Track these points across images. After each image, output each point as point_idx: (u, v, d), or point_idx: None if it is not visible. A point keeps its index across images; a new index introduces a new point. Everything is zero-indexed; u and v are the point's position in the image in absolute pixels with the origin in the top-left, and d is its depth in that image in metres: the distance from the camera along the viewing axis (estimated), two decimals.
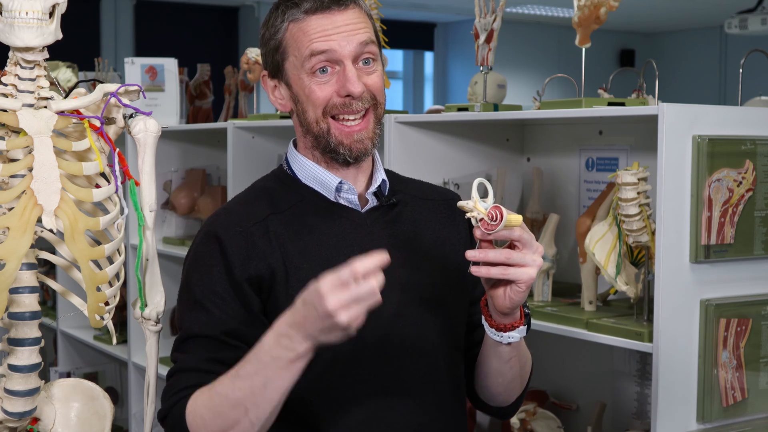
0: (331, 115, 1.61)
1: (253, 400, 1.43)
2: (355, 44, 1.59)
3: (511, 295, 1.49)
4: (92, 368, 4.47)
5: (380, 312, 1.58)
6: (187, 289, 1.61)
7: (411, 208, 1.71)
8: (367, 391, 1.58)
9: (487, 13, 2.49)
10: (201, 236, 1.63)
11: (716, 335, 2.02)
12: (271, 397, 1.43)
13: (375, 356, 1.59)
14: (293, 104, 1.64)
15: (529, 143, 2.90)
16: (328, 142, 1.62)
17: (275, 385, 1.42)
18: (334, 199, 1.65)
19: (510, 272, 1.45)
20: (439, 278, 1.67)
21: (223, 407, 1.45)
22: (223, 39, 10.81)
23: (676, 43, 12.86)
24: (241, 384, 1.44)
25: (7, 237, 1.48)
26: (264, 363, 1.42)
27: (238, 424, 1.45)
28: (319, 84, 1.60)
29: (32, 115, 1.53)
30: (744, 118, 2.09)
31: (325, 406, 1.58)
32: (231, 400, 1.45)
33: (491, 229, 1.43)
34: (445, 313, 1.66)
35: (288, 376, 1.42)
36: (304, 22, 1.60)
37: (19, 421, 1.62)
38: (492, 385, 1.71)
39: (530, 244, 1.46)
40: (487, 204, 1.44)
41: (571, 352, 2.76)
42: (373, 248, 1.61)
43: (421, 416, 1.61)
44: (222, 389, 1.46)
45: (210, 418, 1.47)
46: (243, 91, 3.91)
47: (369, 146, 1.63)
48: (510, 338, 1.57)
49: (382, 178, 1.69)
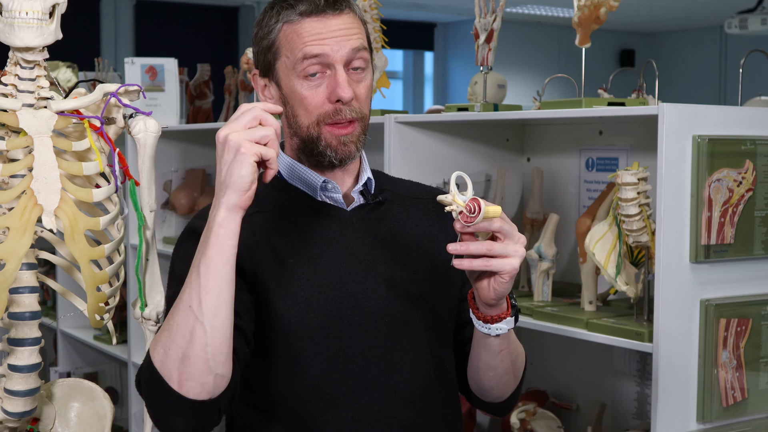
0: (325, 123, 1.62)
1: (195, 296, 1.41)
2: (348, 49, 1.60)
3: (495, 286, 1.49)
4: (92, 368, 4.47)
5: (366, 308, 1.61)
6: (171, 275, 1.63)
7: (398, 206, 1.73)
8: (356, 388, 1.60)
9: (487, 13, 2.49)
10: (184, 231, 1.66)
11: (716, 335, 2.02)
12: (210, 286, 1.41)
13: (362, 352, 1.60)
14: (282, 105, 1.65)
15: (529, 143, 2.90)
16: (316, 145, 1.63)
17: (209, 269, 1.41)
18: (319, 198, 1.67)
19: (492, 263, 1.46)
20: (425, 275, 1.68)
21: (173, 320, 1.43)
22: (223, 39, 10.81)
23: (676, 43, 12.86)
24: (184, 288, 1.44)
25: (7, 237, 1.48)
26: (196, 255, 1.44)
27: (191, 334, 1.41)
28: (310, 89, 1.61)
29: (32, 115, 1.53)
30: (744, 118, 2.09)
31: (315, 402, 1.59)
32: (178, 308, 1.43)
33: (470, 222, 1.44)
34: (432, 309, 1.68)
35: (217, 255, 1.41)
36: (299, 24, 1.61)
37: (19, 421, 1.62)
38: (483, 379, 1.72)
39: (511, 234, 1.47)
40: (466, 197, 1.45)
41: (571, 352, 2.76)
42: (358, 245, 1.65)
43: (410, 411, 1.62)
44: (174, 303, 1.46)
45: (167, 340, 1.44)
46: (243, 91, 3.91)
47: (353, 150, 1.64)
48: (498, 330, 1.57)
49: (368, 177, 1.71)
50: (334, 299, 1.60)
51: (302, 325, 1.58)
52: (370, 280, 1.63)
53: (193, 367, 1.42)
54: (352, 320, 1.60)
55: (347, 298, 1.60)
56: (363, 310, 1.61)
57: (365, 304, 1.61)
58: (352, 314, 1.60)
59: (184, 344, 1.42)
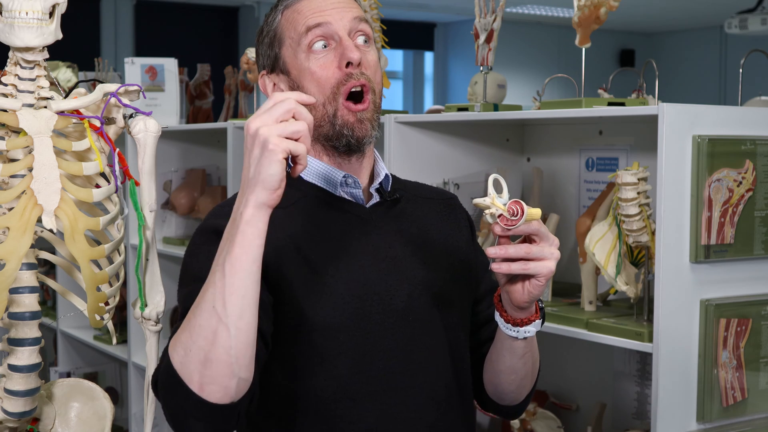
0: (339, 93, 1.59)
1: (219, 297, 1.35)
2: (350, 18, 1.60)
3: (530, 289, 1.47)
4: (92, 368, 4.47)
5: (390, 306, 1.58)
6: (185, 273, 1.58)
7: (413, 205, 1.71)
8: (382, 387, 1.56)
9: (487, 13, 2.49)
10: (200, 229, 1.62)
11: (716, 335, 2.02)
12: (235, 286, 1.34)
13: (387, 351, 1.57)
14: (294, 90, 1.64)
15: (529, 143, 2.90)
16: (333, 125, 1.60)
17: (234, 268, 1.34)
18: (338, 194, 1.64)
19: (530, 267, 1.44)
20: (444, 274, 1.65)
21: (195, 320, 1.37)
22: (223, 39, 10.81)
23: (676, 43, 12.86)
24: (206, 287, 1.37)
25: (7, 237, 1.48)
26: (220, 253, 1.37)
27: (215, 335, 1.35)
28: (319, 63, 1.59)
29: (32, 115, 1.53)
30: (744, 118, 2.09)
31: (340, 403, 1.55)
32: (201, 308, 1.37)
33: (512, 225, 1.41)
34: (451, 308, 1.65)
35: (243, 254, 1.35)
36: (298, 4, 1.63)
37: (19, 421, 1.62)
38: (504, 382, 1.70)
39: (547, 236, 1.45)
40: (504, 199, 1.43)
41: (571, 352, 2.76)
42: (380, 243, 1.61)
43: (434, 412, 1.60)
44: (193, 306, 1.40)
45: (189, 341, 1.37)
46: (243, 91, 3.91)
47: (369, 129, 1.61)
48: (526, 333, 1.55)
49: (385, 173, 1.68)
50: (360, 297, 1.56)
51: (328, 323, 1.54)
52: (393, 278, 1.59)
53: (215, 371, 1.36)
54: (377, 318, 1.56)
55: (372, 296, 1.56)
56: (387, 309, 1.57)
57: (389, 302, 1.58)
58: (377, 312, 1.56)
59: (207, 346, 1.36)
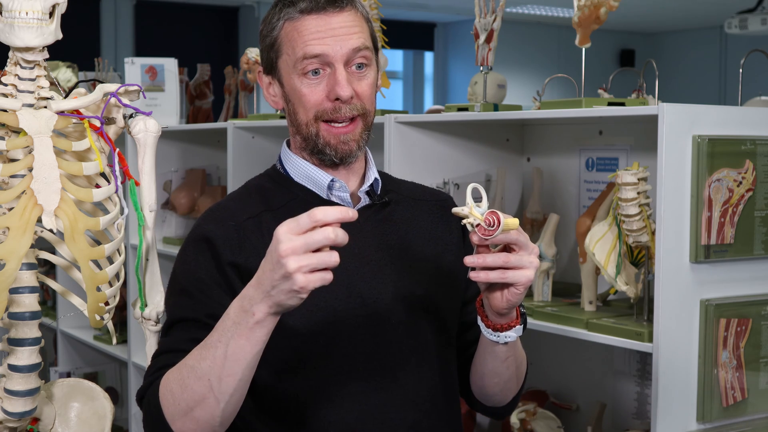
0: (322, 120, 1.61)
1: (216, 373, 1.40)
2: (348, 49, 1.59)
3: (508, 297, 1.49)
4: (92, 368, 4.47)
5: (373, 309, 1.60)
6: (173, 280, 1.62)
7: (403, 207, 1.72)
8: (363, 389, 1.59)
9: (487, 13, 2.49)
10: (191, 234, 1.64)
11: (716, 335, 2.02)
12: (234, 371, 1.40)
13: (368, 353, 1.59)
14: (285, 103, 1.65)
15: (529, 143, 2.90)
16: (315, 143, 1.63)
17: (236, 355, 1.39)
18: (327, 197, 1.66)
19: (508, 275, 1.45)
20: (430, 277, 1.67)
21: (189, 379, 1.43)
22: (223, 39, 10.82)
23: (676, 43, 12.86)
24: (206, 353, 1.42)
25: (7, 237, 1.48)
26: (226, 330, 1.39)
27: (204, 400, 1.42)
28: (309, 86, 1.60)
29: (32, 115, 1.53)
30: (744, 118, 2.09)
31: (320, 404, 1.58)
32: (196, 372, 1.42)
33: (489, 235, 1.42)
34: (437, 311, 1.67)
35: (248, 346, 1.38)
36: (299, 22, 1.60)
37: (19, 421, 1.62)
38: (488, 385, 1.72)
39: (526, 245, 1.46)
40: (483, 209, 1.43)
41: (571, 352, 2.76)
42: (365, 246, 1.63)
43: (416, 413, 1.62)
44: (190, 360, 1.45)
45: (179, 392, 1.44)
46: (243, 91, 3.91)
47: (354, 148, 1.63)
48: (507, 338, 1.57)
49: (375, 177, 1.70)
50: (342, 299, 1.58)
51: (309, 324, 1.57)
52: (378, 280, 1.62)
53: (197, 424, 1.45)
54: (359, 321, 1.59)
55: (355, 299, 1.59)
56: (370, 311, 1.60)
57: (372, 305, 1.60)
58: (359, 315, 1.59)
59: (194, 405, 1.43)
